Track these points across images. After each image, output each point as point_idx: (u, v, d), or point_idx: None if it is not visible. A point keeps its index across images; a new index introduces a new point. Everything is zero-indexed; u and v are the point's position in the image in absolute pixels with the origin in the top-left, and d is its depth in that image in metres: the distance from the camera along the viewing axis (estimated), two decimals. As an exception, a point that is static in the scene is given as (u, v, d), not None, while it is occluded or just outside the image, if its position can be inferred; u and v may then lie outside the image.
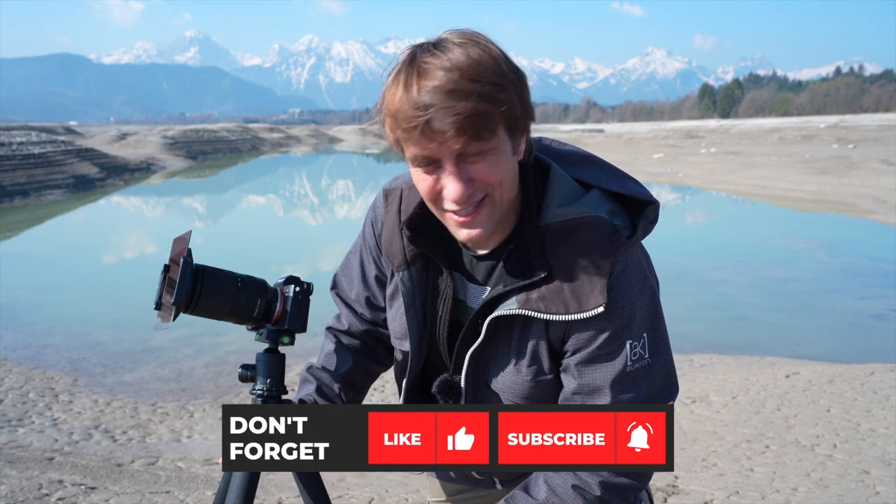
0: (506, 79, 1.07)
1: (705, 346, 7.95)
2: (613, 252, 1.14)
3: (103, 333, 8.55)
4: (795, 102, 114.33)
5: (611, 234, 1.16)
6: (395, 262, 1.32)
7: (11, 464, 4.24)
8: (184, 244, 1.20)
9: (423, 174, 1.12)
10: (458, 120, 1.02)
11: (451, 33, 1.10)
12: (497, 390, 1.26)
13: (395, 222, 1.32)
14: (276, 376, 1.33)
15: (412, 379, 1.38)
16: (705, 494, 3.66)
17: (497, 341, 1.23)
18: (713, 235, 18.86)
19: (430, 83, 1.03)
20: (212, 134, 68.00)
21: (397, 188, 1.37)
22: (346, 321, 1.52)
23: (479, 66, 1.05)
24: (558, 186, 1.20)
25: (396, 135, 1.10)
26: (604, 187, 1.23)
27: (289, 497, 3.79)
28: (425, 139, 1.05)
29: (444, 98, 1.02)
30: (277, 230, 21.21)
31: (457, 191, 1.09)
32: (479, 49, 1.06)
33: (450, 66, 1.04)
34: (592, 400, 1.17)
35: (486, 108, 1.04)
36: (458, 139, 1.04)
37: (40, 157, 29.15)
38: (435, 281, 1.31)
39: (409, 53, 1.10)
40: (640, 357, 1.16)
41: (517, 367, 1.22)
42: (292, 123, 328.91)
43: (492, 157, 1.09)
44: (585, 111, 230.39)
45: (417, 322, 1.31)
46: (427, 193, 1.14)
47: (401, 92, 1.06)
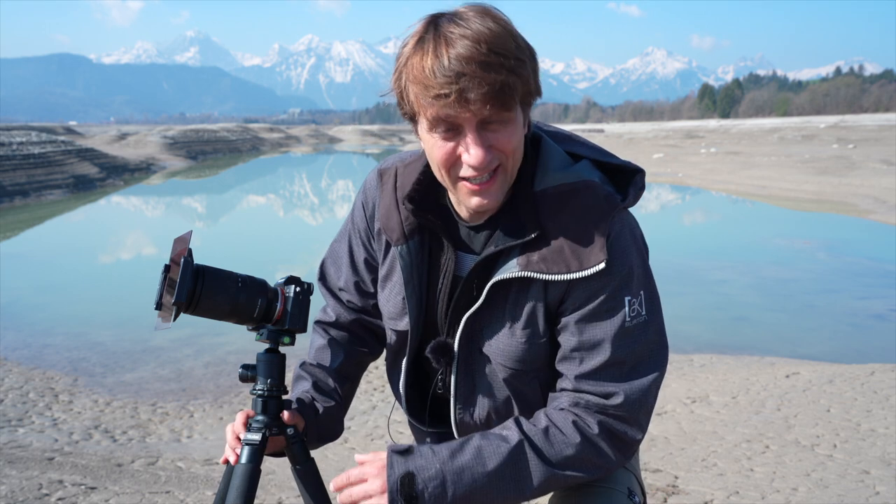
0: (524, 54, 1.12)
1: (705, 346, 7.95)
2: (609, 213, 1.19)
3: (103, 333, 8.55)
4: (795, 102, 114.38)
5: (606, 196, 1.21)
6: (393, 236, 1.33)
7: (11, 464, 4.25)
8: (184, 244, 1.20)
9: (441, 140, 1.15)
10: (490, 90, 1.07)
11: (465, 7, 1.14)
12: (489, 353, 1.28)
13: (391, 198, 1.35)
14: (277, 376, 1.33)
15: (412, 357, 1.39)
16: (705, 494, 3.66)
17: (492, 305, 1.25)
18: (713, 235, 18.86)
19: (461, 52, 1.07)
20: (212, 134, 68.01)
21: (391, 167, 1.40)
22: (334, 312, 1.54)
23: (502, 40, 1.09)
24: (551, 156, 1.26)
25: (421, 101, 1.12)
26: (592, 158, 1.28)
27: (289, 497, 3.79)
28: (457, 106, 1.08)
29: (477, 69, 1.06)
30: (277, 230, 21.20)
31: (478, 156, 1.12)
32: (497, 24, 1.11)
33: (476, 37, 1.08)
34: (591, 356, 1.20)
35: (512, 80, 1.09)
36: (487, 108, 1.08)
37: (40, 157, 29.15)
38: (433, 255, 1.33)
39: (429, 22, 1.13)
40: (637, 313, 1.20)
41: (511, 329, 1.25)
42: (292, 123, 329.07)
43: (511, 126, 1.14)
44: (585, 111, 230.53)
45: (417, 297, 1.32)
46: (444, 159, 1.16)
47: (430, 59, 1.09)
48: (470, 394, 1.33)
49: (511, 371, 1.27)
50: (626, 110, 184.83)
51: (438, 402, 1.42)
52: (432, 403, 1.43)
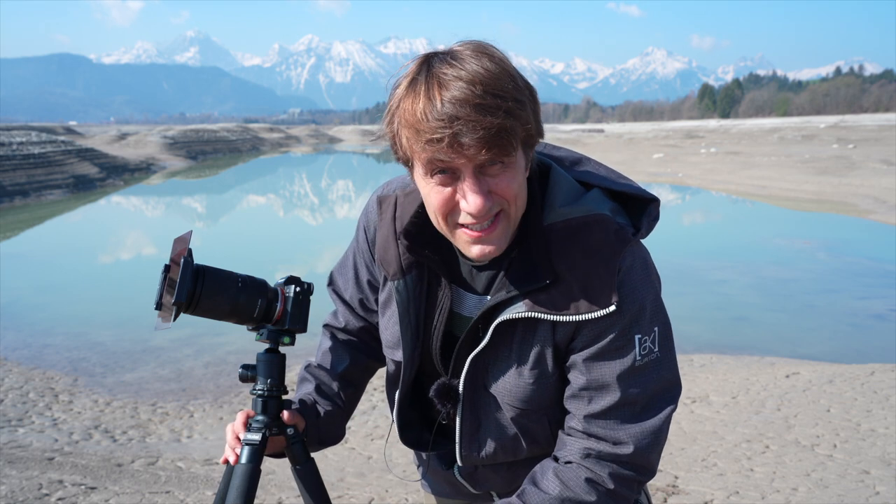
0: (524, 95, 1.07)
1: (705, 346, 7.95)
2: (620, 249, 1.14)
3: (103, 333, 8.55)
4: (795, 102, 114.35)
5: (616, 231, 1.15)
6: (389, 270, 1.29)
7: (11, 464, 4.25)
8: (184, 244, 1.20)
9: (438, 186, 1.10)
10: (486, 135, 1.02)
11: (461, 45, 1.09)
12: (496, 394, 1.25)
13: (389, 230, 1.30)
14: (277, 376, 1.33)
15: (405, 390, 1.36)
16: (705, 494, 3.66)
17: (498, 345, 1.21)
18: (713, 235, 18.86)
19: (455, 95, 1.02)
20: (212, 134, 68.01)
21: (391, 195, 1.34)
22: (343, 318, 1.52)
23: (499, 82, 1.04)
24: (560, 187, 1.20)
25: (414, 146, 1.07)
26: (604, 186, 1.23)
27: (289, 497, 3.79)
28: (451, 151, 1.03)
29: (472, 112, 1.01)
30: (277, 230, 21.20)
31: (477, 203, 1.07)
32: (495, 63, 1.06)
33: (471, 78, 1.03)
34: (600, 396, 1.17)
35: (510, 124, 1.04)
36: (484, 153, 1.03)
37: (40, 157, 29.15)
38: (430, 290, 1.29)
39: (422, 63, 1.08)
40: (649, 351, 1.16)
41: (518, 370, 1.21)
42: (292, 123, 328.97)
43: (510, 171, 1.09)
44: (585, 111, 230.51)
45: (411, 332, 1.29)
46: (441, 206, 1.11)
47: (422, 103, 1.04)
48: (475, 431, 1.30)
49: (519, 410, 1.25)
50: (626, 110, 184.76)
51: (440, 429, 1.39)
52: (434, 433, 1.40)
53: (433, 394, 1.29)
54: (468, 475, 1.40)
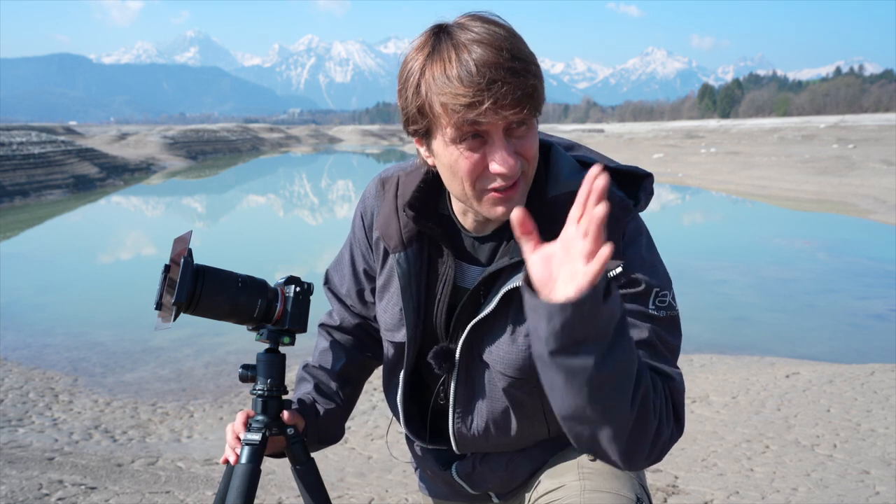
0: (536, 59, 1.11)
1: (705, 346, 7.95)
2: (623, 217, 1.18)
3: (103, 333, 8.55)
4: (795, 102, 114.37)
5: (619, 201, 1.18)
6: (391, 243, 1.31)
7: (11, 464, 4.25)
8: (184, 244, 1.20)
9: (468, 151, 1.11)
10: (522, 95, 1.06)
11: (466, 16, 1.11)
12: (489, 361, 1.26)
13: (391, 206, 1.32)
14: (277, 376, 1.33)
15: (409, 369, 1.36)
16: (705, 494, 3.66)
17: (497, 313, 1.23)
18: (713, 235, 18.85)
19: (487, 59, 1.04)
20: (212, 134, 67.99)
21: (394, 175, 1.37)
22: (338, 316, 1.53)
23: (519, 45, 1.08)
24: (562, 163, 1.24)
25: (449, 112, 1.07)
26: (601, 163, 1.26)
27: (289, 497, 3.79)
28: (492, 113, 1.05)
29: (507, 74, 1.04)
30: (277, 230, 21.20)
31: (510, 163, 1.10)
32: (506, 29, 1.09)
33: (497, 43, 1.06)
34: None
35: (538, 85, 1.09)
36: (523, 112, 1.07)
37: (40, 157, 29.14)
38: (431, 265, 1.31)
39: (435, 33, 1.10)
40: (670, 306, 1.16)
41: (513, 337, 1.23)
42: (292, 123, 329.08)
43: (532, 132, 1.13)
44: (585, 111, 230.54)
45: (414, 306, 1.30)
46: (471, 170, 1.12)
47: (455, 68, 1.05)
48: (469, 402, 1.31)
49: (510, 380, 1.25)
50: (626, 110, 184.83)
51: (436, 417, 1.40)
52: (430, 417, 1.41)
53: (431, 356, 1.30)
54: (466, 475, 1.40)
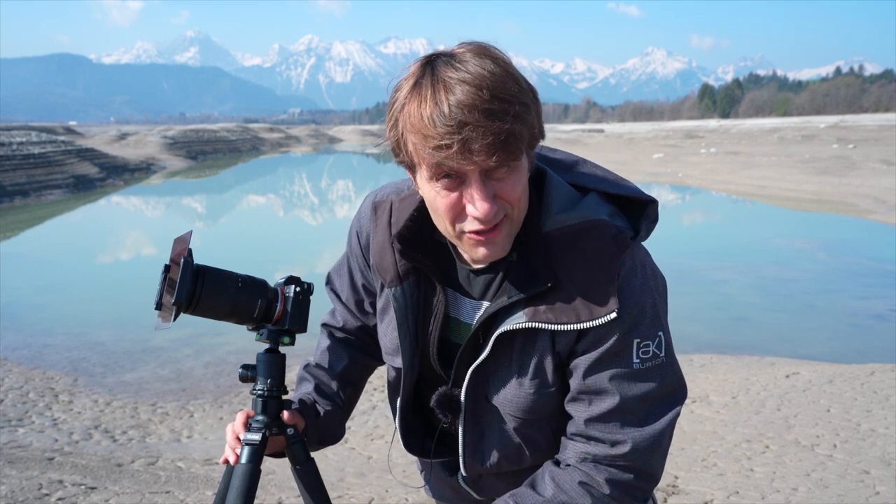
0: (528, 97, 1.06)
1: (705, 346, 7.95)
2: (619, 255, 1.13)
3: (103, 333, 8.55)
4: (795, 102, 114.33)
5: (615, 236, 1.14)
6: (386, 277, 1.28)
7: (11, 464, 4.25)
8: (184, 244, 1.20)
9: (444, 190, 1.08)
10: (495, 140, 1.01)
11: (463, 47, 1.07)
12: (497, 404, 1.24)
13: (385, 235, 1.29)
14: (277, 376, 1.33)
15: (406, 397, 1.35)
16: (705, 494, 3.66)
17: (498, 355, 1.20)
18: (713, 235, 18.86)
19: (462, 100, 1.00)
20: (212, 134, 68.02)
21: (386, 200, 1.33)
22: (341, 317, 1.52)
23: (505, 85, 1.03)
24: (556, 193, 1.19)
25: (420, 151, 1.06)
26: (601, 189, 1.22)
27: (289, 497, 3.80)
28: (460, 157, 1.02)
29: (480, 117, 1.00)
30: (277, 230, 21.20)
31: (485, 208, 1.06)
32: (498, 65, 1.04)
33: (477, 82, 1.01)
34: (600, 399, 1.15)
35: (518, 128, 1.03)
36: (493, 158, 1.02)
37: (40, 157, 29.15)
38: (427, 297, 1.28)
39: (424, 65, 1.07)
40: (653, 356, 1.14)
41: (519, 380, 1.20)
42: (292, 123, 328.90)
43: (515, 174, 1.08)
44: (585, 111, 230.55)
45: (410, 339, 1.28)
46: (448, 211, 1.09)
47: (429, 107, 1.02)
48: (478, 442, 1.30)
49: (521, 420, 1.24)
50: (626, 110, 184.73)
51: (442, 434, 1.38)
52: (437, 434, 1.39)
53: (434, 403, 1.28)
54: (473, 482, 1.40)
